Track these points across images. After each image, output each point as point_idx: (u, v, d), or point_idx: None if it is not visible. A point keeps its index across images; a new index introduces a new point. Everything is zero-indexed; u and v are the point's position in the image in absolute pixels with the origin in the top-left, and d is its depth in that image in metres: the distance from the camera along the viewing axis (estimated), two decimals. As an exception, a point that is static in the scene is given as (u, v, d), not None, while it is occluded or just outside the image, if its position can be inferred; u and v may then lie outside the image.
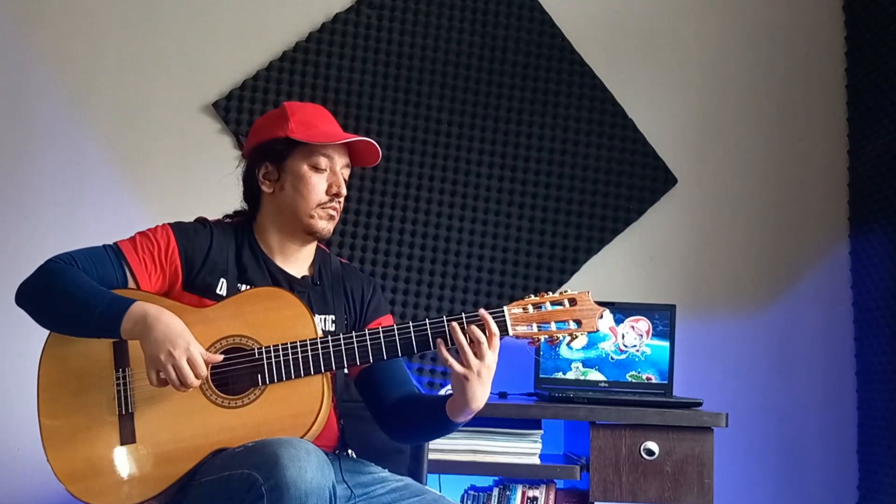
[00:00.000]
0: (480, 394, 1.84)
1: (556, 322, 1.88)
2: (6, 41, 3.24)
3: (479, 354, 1.82)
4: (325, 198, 2.02)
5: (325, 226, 2.03)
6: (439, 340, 1.84)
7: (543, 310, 1.88)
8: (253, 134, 2.10)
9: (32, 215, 3.19)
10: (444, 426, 1.95)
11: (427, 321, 1.87)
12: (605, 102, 3.34)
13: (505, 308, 1.87)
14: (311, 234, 2.03)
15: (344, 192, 2.04)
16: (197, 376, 1.78)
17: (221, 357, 1.84)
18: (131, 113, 3.25)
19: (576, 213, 3.30)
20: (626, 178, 3.32)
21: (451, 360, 1.83)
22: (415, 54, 3.30)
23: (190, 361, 1.77)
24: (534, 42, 3.34)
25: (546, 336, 1.87)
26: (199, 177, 3.19)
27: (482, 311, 1.84)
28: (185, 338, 1.78)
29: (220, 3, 3.31)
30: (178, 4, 3.30)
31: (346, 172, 2.07)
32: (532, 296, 1.90)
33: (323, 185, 2.02)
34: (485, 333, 1.83)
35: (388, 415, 2.05)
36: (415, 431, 2.06)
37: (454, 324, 1.84)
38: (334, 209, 2.03)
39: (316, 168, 2.01)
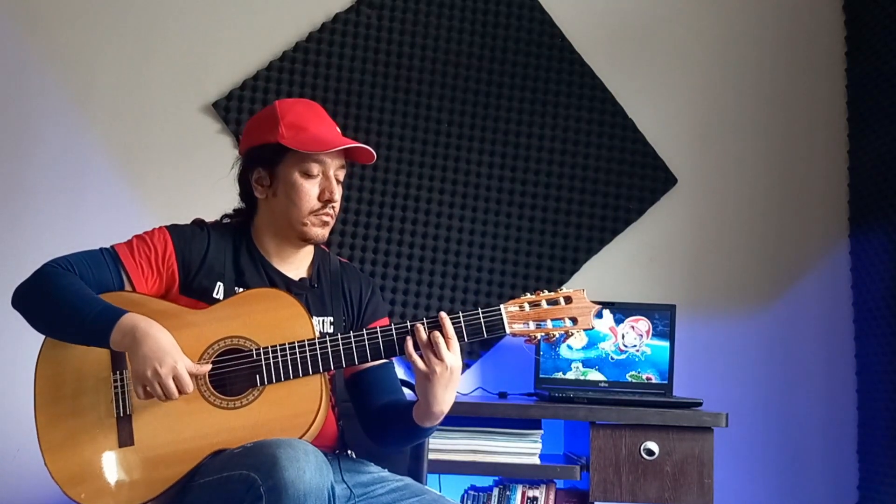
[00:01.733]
0: (442, 397, 1.86)
1: (552, 320, 1.89)
2: (6, 41, 3.24)
3: (437, 355, 1.83)
4: (318, 205, 1.99)
5: (319, 232, 2.01)
6: (407, 339, 1.85)
7: (540, 308, 1.89)
8: (245, 135, 2.08)
9: (32, 216, 3.19)
10: (412, 431, 1.95)
11: (425, 320, 1.88)
12: (605, 102, 3.33)
13: (501, 306, 1.88)
14: (305, 240, 2.02)
15: (337, 197, 2.02)
16: (182, 393, 1.78)
17: (209, 367, 1.84)
18: (131, 113, 3.25)
19: (576, 213, 3.30)
20: (626, 178, 3.32)
21: (415, 357, 1.85)
22: (415, 54, 3.30)
23: (176, 379, 1.77)
24: (534, 42, 3.34)
25: (543, 334, 1.88)
26: (199, 177, 3.19)
27: (441, 314, 1.86)
28: (173, 355, 1.78)
29: (220, 4, 3.31)
30: (179, 5, 3.30)
31: (342, 174, 2.05)
32: (528, 294, 1.91)
33: (315, 191, 1.99)
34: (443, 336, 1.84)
35: (371, 420, 2.05)
36: (390, 437, 2.05)
37: (417, 325, 1.86)
38: (328, 215, 2.01)
39: (308, 174, 1.98)
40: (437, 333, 1.84)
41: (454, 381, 1.86)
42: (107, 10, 3.28)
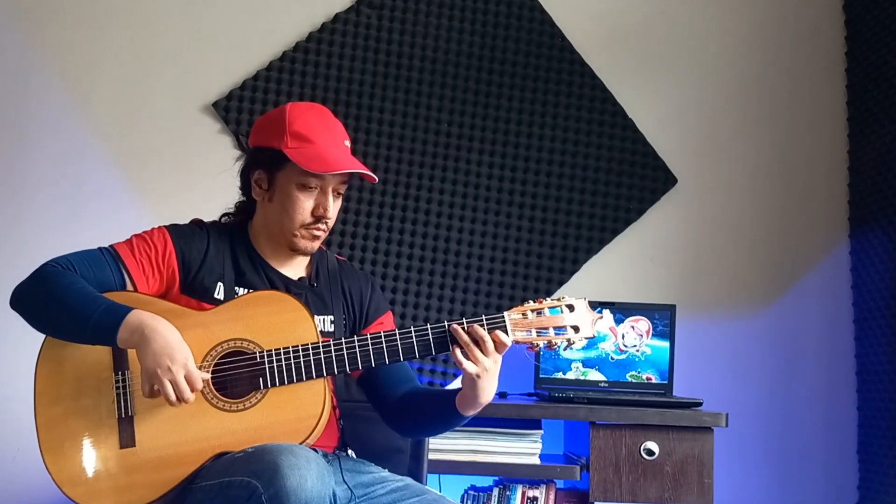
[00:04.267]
0: (490, 388, 1.89)
1: (554, 328, 1.90)
2: (6, 42, 3.24)
3: (485, 352, 1.85)
4: (310, 219, 1.98)
5: (308, 245, 2.01)
6: (455, 346, 1.86)
7: (542, 316, 1.90)
8: (253, 133, 2.07)
9: (32, 215, 3.18)
10: (453, 420, 1.97)
11: (429, 326, 1.88)
12: (605, 102, 3.33)
13: (505, 314, 1.88)
14: (293, 251, 2.02)
15: (331, 213, 2.00)
16: (192, 391, 1.77)
17: (208, 376, 1.83)
18: (131, 113, 3.25)
19: (576, 213, 3.30)
20: (626, 178, 3.32)
21: (465, 363, 1.85)
22: (415, 54, 3.29)
23: (187, 377, 1.76)
24: (534, 42, 3.33)
25: (545, 342, 1.89)
26: (199, 177, 3.18)
27: (452, 325, 1.87)
28: (183, 352, 1.77)
29: (220, 4, 3.31)
30: (179, 5, 3.29)
31: (342, 188, 2.03)
32: (531, 301, 1.92)
33: (310, 204, 1.97)
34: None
35: (395, 411, 2.05)
36: (423, 426, 2.06)
37: (455, 325, 1.86)
38: (319, 230, 2.00)
39: (305, 187, 1.97)
40: (481, 330, 1.85)
41: (498, 369, 1.88)
42: (107, 10, 3.27)
